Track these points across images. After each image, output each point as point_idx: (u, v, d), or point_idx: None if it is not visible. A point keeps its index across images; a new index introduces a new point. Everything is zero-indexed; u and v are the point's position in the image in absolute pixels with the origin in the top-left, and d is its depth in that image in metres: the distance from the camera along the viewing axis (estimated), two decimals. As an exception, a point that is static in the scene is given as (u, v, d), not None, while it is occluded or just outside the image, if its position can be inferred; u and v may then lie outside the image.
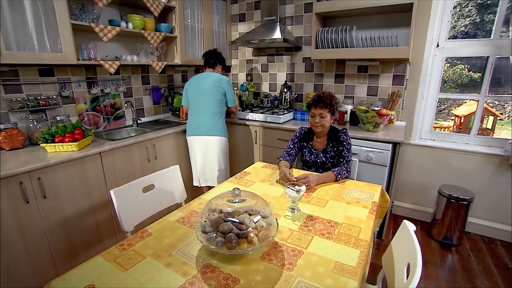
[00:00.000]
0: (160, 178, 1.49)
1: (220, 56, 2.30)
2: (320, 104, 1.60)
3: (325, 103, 1.59)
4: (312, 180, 1.41)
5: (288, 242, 0.99)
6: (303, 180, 1.40)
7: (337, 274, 0.83)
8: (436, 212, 2.26)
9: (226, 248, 0.83)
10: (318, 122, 1.62)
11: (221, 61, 2.31)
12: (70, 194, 1.66)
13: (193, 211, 1.21)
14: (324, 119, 1.61)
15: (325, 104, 1.59)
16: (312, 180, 1.41)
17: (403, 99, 2.42)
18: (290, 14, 2.78)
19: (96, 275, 0.83)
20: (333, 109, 1.62)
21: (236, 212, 0.95)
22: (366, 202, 1.28)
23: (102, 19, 2.07)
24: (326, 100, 1.60)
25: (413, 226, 1.06)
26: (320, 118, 1.61)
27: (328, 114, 1.61)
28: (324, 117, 1.61)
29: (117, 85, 2.40)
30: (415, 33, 2.15)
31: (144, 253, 0.93)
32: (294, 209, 1.19)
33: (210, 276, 0.83)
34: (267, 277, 0.82)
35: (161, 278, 0.82)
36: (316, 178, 1.45)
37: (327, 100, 1.60)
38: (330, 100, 1.61)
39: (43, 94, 1.93)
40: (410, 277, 0.82)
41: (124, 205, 1.28)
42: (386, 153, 2.01)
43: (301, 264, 0.87)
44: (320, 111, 1.61)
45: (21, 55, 1.54)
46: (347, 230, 1.06)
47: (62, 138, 1.69)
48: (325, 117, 1.61)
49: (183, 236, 1.03)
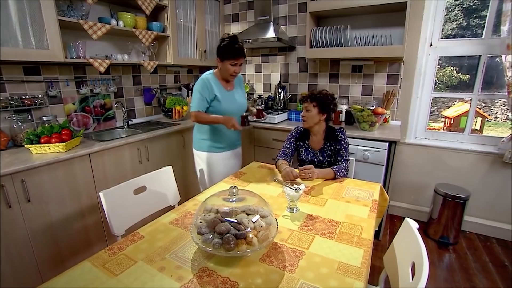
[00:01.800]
0: (152, 180, 1.42)
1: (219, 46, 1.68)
2: (308, 99, 1.60)
3: (312, 97, 1.59)
4: (316, 171, 1.43)
5: (289, 242, 0.94)
6: (308, 170, 1.40)
7: (341, 275, 0.79)
8: (433, 211, 2.26)
9: (223, 249, 0.78)
10: (304, 115, 1.62)
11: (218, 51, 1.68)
12: (56, 198, 1.57)
13: (188, 212, 1.15)
14: (308, 112, 1.59)
15: (312, 98, 1.59)
16: (316, 172, 1.43)
17: (397, 98, 2.42)
18: (284, 14, 2.77)
19: (83, 282, 0.77)
20: (321, 104, 1.58)
21: (233, 212, 0.90)
22: (366, 201, 1.25)
23: (91, 17, 2.00)
24: (316, 95, 1.59)
25: (415, 224, 1.03)
26: (305, 112, 1.61)
27: (313, 108, 1.58)
28: (309, 110, 1.59)
29: (107, 85, 2.32)
30: (408, 32, 2.15)
31: (136, 257, 0.87)
32: (293, 209, 1.14)
33: (207, 280, 0.77)
34: (268, 280, 0.77)
35: (154, 283, 0.76)
36: (317, 172, 1.45)
37: (317, 96, 1.58)
38: (322, 96, 1.59)
39: (28, 93, 1.84)
40: (417, 276, 0.79)
41: (114, 207, 1.21)
42: (382, 152, 1.99)
43: (303, 266, 0.83)
44: (306, 104, 1.60)
45: (4, 51, 1.46)
46: (349, 229, 1.02)
47: (49, 139, 1.61)
48: (309, 110, 1.59)
49: (177, 238, 0.97)
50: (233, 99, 1.79)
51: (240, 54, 1.64)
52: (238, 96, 1.84)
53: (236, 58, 1.65)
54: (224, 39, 1.66)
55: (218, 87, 1.73)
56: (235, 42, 1.63)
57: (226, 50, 1.63)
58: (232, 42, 1.63)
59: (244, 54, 1.67)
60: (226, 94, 1.76)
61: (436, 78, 2.37)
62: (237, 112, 1.76)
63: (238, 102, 1.82)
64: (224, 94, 1.75)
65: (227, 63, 1.65)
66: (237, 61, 1.66)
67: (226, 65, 1.66)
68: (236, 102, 1.81)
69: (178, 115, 2.59)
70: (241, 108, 1.84)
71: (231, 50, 1.62)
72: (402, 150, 2.48)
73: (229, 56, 1.64)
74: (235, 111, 1.77)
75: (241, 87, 1.92)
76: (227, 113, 1.70)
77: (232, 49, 1.62)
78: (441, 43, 2.25)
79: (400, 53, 2.05)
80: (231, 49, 1.62)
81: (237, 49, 1.62)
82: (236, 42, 1.63)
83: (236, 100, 1.81)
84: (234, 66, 1.67)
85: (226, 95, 1.76)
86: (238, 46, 1.63)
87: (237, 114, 1.73)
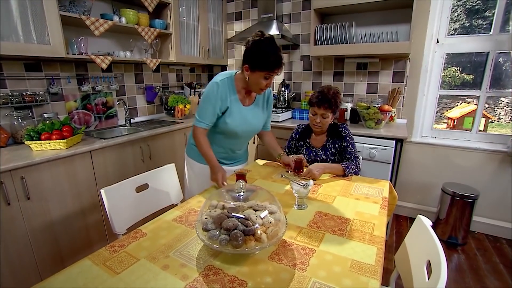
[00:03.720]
0: (154, 177, 1.38)
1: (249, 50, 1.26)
2: (325, 105, 1.45)
3: (330, 103, 1.45)
4: (316, 172, 1.34)
5: (298, 240, 0.90)
6: (307, 176, 1.32)
7: (355, 273, 0.74)
8: (440, 211, 2.21)
9: (231, 246, 0.74)
10: (319, 122, 1.50)
11: (248, 57, 1.26)
12: (56, 195, 1.54)
13: (192, 210, 1.11)
14: (325, 119, 1.50)
15: (330, 104, 1.45)
16: (316, 172, 1.34)
17: (403, 96, 2.38)
18: (287, 11, 2.74)
19: (82, 281, 0.73)
20: (336, 107, 1.50)
21: (240, 208, 0.86)
22: (376, 198, 1.20)
23: (94, 13, 1.98)
24: (331, 99, 1.45)
25: (429, 221, 0.99)
26: (321, 118, 1.49)
27: (330, 115, 1.49)
28: (326, 117, 1.49)
29: (109, 83, 2.29)
30: (414, 29, 2.12)
31: (138, 255, 0.83)
32: (301, 206, 1.10)
33: (213, 279, 0.73)
34: (278, 279, 0.73)
35: (157, 282, 0.72)
36: (321, 167, 1.37)
37: (332, 100, 1.46)
38: (335, 100, 1.48)
39: (29, 90, 1.81)
40: (435, 275, 0.75)
41: (115, 205, 1.18)
42: (389, 150, 1.95)
43: (315, 264, 0.78)
44: (322, 112, 1.47)
45: (5, 46, 1.43)
46: (360, 226, 0.98)
47: (49, 136, 1.58)
48: (327, 117, 1.49)
49: (181, 236, 0.93)
50: (245, 118, 1.38)
51: (279, 65, 1.23)
52: (254, 115, 1.43)
53: (274, 71, 1.24)
54: (258, 42, 1.21)
55: (233, 98, 1.34)
56: (276, 49, 1.22)
57: (263, 59, 1.21)
58: (272, 49, 1.21)
59: (283, 64, 1.26)
60: (240, 110, 1.37)
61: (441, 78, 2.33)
62: (243, 135, 1.45)
63: (249, 122, 1.41)
64: (237, 110, 1.36)
65: (260, 75, 1.24)
66: (273, 74, 1.25)
67: (258, 76, 1.25)
68: (247, 123, 1.40)
69: (180, 114, 2.56)
70: (251, 131, 1.47)
71: (270, 60, 1.21)
72: (408, 148, 2.44)
73: (265, 67, 1.22)
74: (242, 133, 1.42)
75: (263, 104, 1.49)
76: (231, 134, 1.39)
77: (272, 57, 1.21)
78: (448, 39, 2.21)
79: (406, 49, 2.01)
80: (271, 58, 1.21)
81: (276, 59, 1.21)
82: (277, 49, 1.23)
83: (247, 120, 1.40)
84: (268, 79, 1.27)
85: (240, 111, 1.37)
86: (279, 56, 1.22)
87: (241, 136, 1.44)
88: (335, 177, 1.44)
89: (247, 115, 1.39)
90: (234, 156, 1.56)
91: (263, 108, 1.50)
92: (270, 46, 1.21)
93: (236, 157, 1.57)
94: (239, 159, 1.60)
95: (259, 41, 1.22)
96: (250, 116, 1.41)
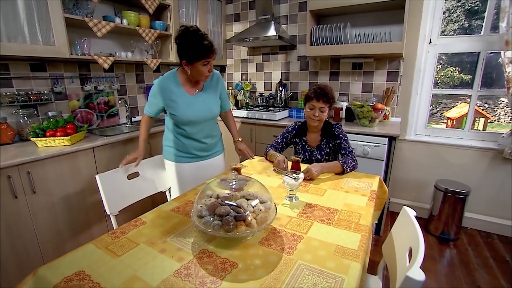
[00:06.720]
0: (144, 167, 1.53)
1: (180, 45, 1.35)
2: (323, 98, 1.51)
3: (328, 97, 1.52)
4: (314, 171, 1.35)
5: (287, 228, 0.96)
6: (306, 174, 1.33)
7: (338, 256, 0.80)
8: (433, 207, 2.26)
9: (223, 231, 0.80)
10: (317, 116, 1.54)
11: (181, 53, 1.36)
12: (61, 190, 1.61)
13: (189, 201, 1.18)
14: (323, 113, 1.55)
15: (328, 98, 1.52)
16: (315, 172, 1.35)
17: (397, 95, 2.44)
18: (285, 13, 2.81)
19: (86, 262, 0.79)
20: (333, 104, 1.58)
21: (233, 197, 0.92)
22: (365, 191, 1.26)
23: (96, 15, 2.04)
24: (329, 94, 1.53)
25: (413, 211, 1.04)
26: (319, 112, 1.54)
27: (327, 109, 1.55)
28: (323, 111, 1.54)
29: (111, 82, 2.36)
30: (407, 29, 2.17)
31: (138, 240, 0.89)
32: (292, 198, 1.16)
33: (206, 261, 0.79)
34: (267, 261, 0.79)
35: (155, 263, 0.78)
36: (320, 168, 1.38)
37: (329, 94, 1.53)
38: (332, 95, 1.54)
39: (34, 89, 1.88)
40: (413, 258, 0.80)
41: (109, 189, 1.33)
42: (382, 147, 2.00)
43: (301, 249, 0.84)
44: (321, 105, 1.52)
45: (12, 47, 1.50)
46: (347, 216, 1.04)
47: (54, 133, 1.65)
48: (324, 111, 1.54)
49: (178, 224, 1.00)
50: (193, 106, 1.46)
51: (212, 49, 1.33)
52: (203, 101, 1.50)
53: (210, 56, 1.34)
54: (184, 34, 1.30)
55: (178, 91, 1.44)
56: (201, 37, 1.31)
57: (194, 50, 1.30)
58: (199, 37, 1.30)
59: (215, 47, 1.36)
60: (187, 99, 1.45)
61: (438, 78, 2.38)
62: (198, 121, 1.50)
63: (199, 109, 1.48)
64: (184, 100, 1.44)
65: (199, 64, 1.33)
66: (210, 59, 1.35)
67: (198, 67, 1.34)
68: (197, 109, 1.47)
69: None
70: (206, 116, 1.52)
71: (201, 48, 1.30)
72: (402, 146, 2.49)
73: (201, 56, 1.31)
74: (198, 119, 1.49)
75: (214, 87, 1.56)
76: (185, 122, 1.48)
77: (201, 47, 1.30)
78: (441, 40, 2.27)
79: (399, 49, 2.07)
80: (200, 47, 1.30)
81: (206, 46, 1.31)
82: (203, 38, 1.31)
83: (195, 107, 1.47)
84: (207, 65, 1.36)
85: (188, 101, 1.45)
86: (207, 42, 1.31)
87: (199, 123, 1.51)
88: (334, 175, 1.45)
89: (195, 103, 1.47)
90: (207, 148, 1.60)
91: (215, 91, 1.57)
92: (196, 36, 1.30)
93: (209, 148, 1.62)
94: (214, 150, 1.67)
95: (184, 35, 1.31)
96: (199, 103, 1.49)
